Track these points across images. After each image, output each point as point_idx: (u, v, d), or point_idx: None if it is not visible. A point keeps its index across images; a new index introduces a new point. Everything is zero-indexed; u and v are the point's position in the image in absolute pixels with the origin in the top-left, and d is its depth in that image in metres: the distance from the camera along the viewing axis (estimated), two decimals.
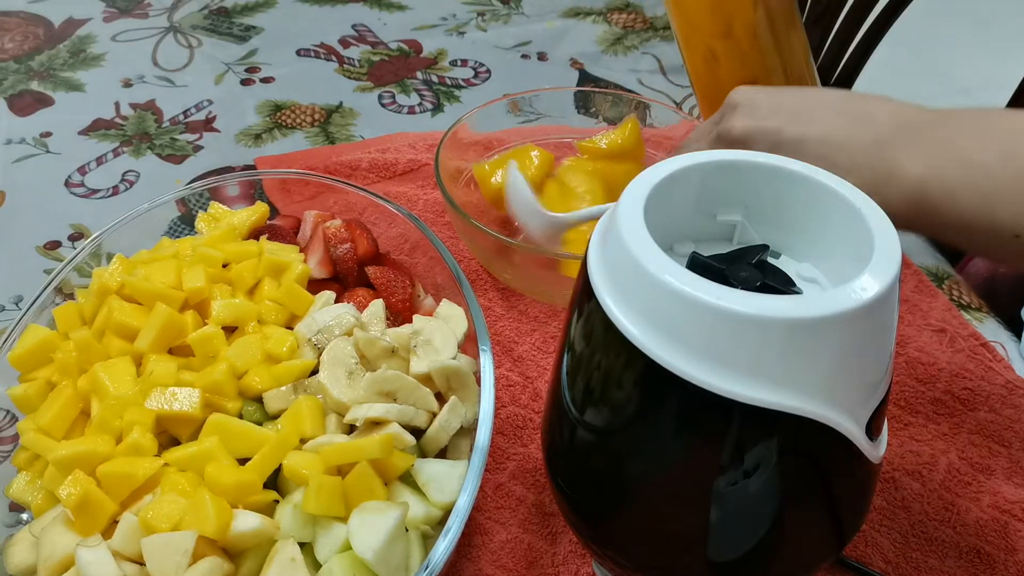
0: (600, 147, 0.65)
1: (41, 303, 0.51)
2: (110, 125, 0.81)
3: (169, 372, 0.44)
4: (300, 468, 0.40)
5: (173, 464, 0.41)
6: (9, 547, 0.42)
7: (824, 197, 0.33)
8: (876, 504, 0.49)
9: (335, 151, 0.77)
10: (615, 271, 0.31)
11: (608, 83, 0.88)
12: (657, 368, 0.29)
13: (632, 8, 1.00)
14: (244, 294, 0.50)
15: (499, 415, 0.54)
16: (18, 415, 0.47)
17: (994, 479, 0.51)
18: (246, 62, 0.90)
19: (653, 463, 0.33)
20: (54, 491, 0.40)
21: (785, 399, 0.28)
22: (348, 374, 0.45)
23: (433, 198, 0.70)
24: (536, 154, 0.65)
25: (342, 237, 0.54)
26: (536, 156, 0.65)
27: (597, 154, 0.65)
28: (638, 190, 0.32)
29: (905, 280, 0.64)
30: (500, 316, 0.61)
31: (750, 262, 0.33)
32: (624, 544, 0.36)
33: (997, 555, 0.47)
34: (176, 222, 0.61)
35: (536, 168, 0.65)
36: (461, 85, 0.87)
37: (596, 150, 0.65)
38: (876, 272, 0.28)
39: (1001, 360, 0.58)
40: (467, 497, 0.40)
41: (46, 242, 0.68)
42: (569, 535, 0.48)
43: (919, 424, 0.54)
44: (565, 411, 0.35)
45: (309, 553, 0.39)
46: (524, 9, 1.00)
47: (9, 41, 0.93)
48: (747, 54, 0.53)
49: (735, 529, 0.33)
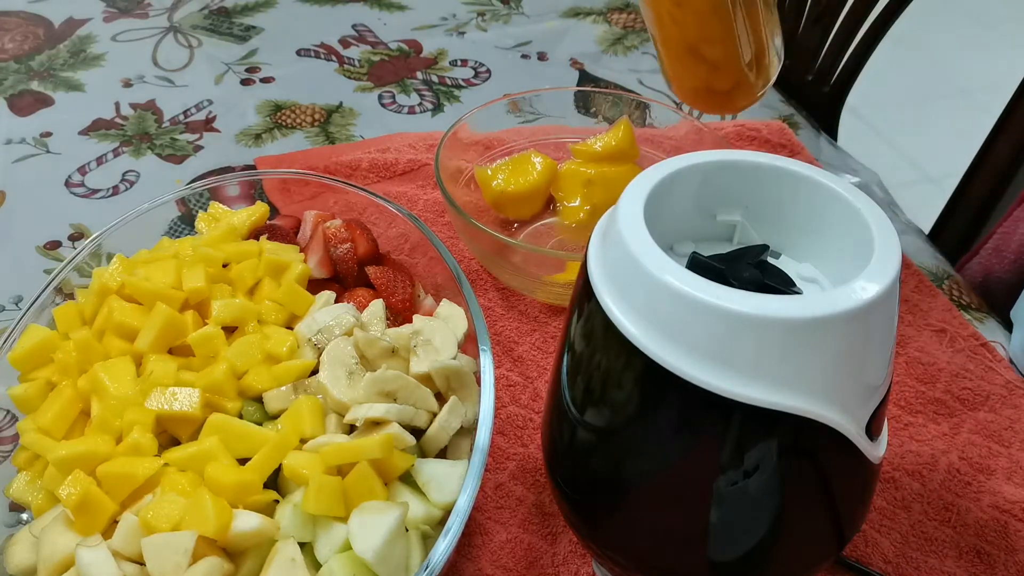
0: (595, 149, 0.65)
1: (41, 303, 0.51)
2: (110, 125, 0.81)
3: (169, 372, 0.44)
4: (300, 468, 0.40)
5: (173, 464, 0.41)
6: (9, 547, 0.42)
7: (824, 197, 0.33)
8: (876, 504, 0.49)
9: (335, 151, 0.77)
10: (615, 271, 0.31)
11: (608, 83, 0.88)
12: (657, 368, 0.29)
13: (632, 8, 1.00)
14: (244, 294, 0.50)
15: (499, 415, 0.54)
16: (18, 415, 0.47)
17: (994, 479, 0.51)
18: (246, 62, 0.90)
19: (653, 463, 0.33)
20: (54, 491, 0.40)
21: (785, 399, 0.28)
22: (348, 374, 0.45)
23: (433, 198, 0.70)
24: (539, 160, 0.65)
25: (342, 237, 0.54)
26: (539, 163, 0.65)
27: (591, 157, 0.65)
28: (638, 190, 0.32)
29: (905, 280, 0.64)
30: (500, 316, 0.61)
31: (750, 262, 0.33)
32: (624, 544, 0.36)
33: (997, 555, 0.47)
34: (176, 222, 0.61)
35: (538, 175, 0.65)
36: (461, 85, 0.87)
37: (590, 152, 0.65)
38: (876, 272, 0.28)
39: (1001, 360, 0.58)
40: (467, 497, 0.40)
41: (46, 242, 0.68)
42: (569, 535, 0.48)
43: (919, 424, 0.54)
44: (565, 411, 0.35)
45: (309, 553, 0.39)
46: (524, 9, 1.00)
47: (9, 41, 0.93)
48: (704, 18, 0.53)
49: (735, 529, 0.33)
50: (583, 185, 0.65)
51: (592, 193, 0.65)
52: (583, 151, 0.65)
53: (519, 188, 0.64)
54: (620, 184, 0.62)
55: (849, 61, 0.89)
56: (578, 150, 0.65)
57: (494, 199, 0.64)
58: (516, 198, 0.64)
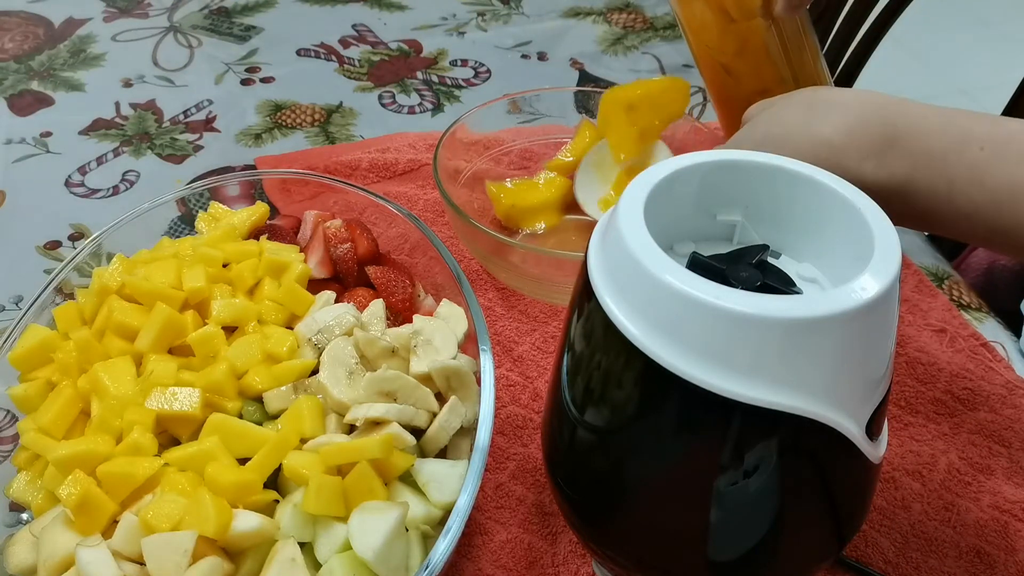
0: (566, 161, 0.65)
1: (41, 303, 0.51)
2: (110, 125, 0.81)
3: (169, 372, 0.44)
4: (300, 468, 0.40)
5: (173, 464, 0.41)
6: (9, 547, 0.42)
7: (824, 197, 0.33)
8: (876, 504, 0.49)
9: (335, 151, 0.76)
10: (615, 271, 0.31)
11: (608, 83, 0.88)
12: (657, 368, 0.29)
13: (632, 8, 1.00)
14: (244, 294, 0.50)
15: (499, 415, 0.54)
16: (18, 415, 0.47)
17: (994, 479, 0.51)
18: (246, 62, 0.90)
19: (653, 463, 0.33)
20: (54, 491, 0.40)
21: (785, 399, 0.28)
22: (348, 374, 0.45)
23: (433, 198, 0.70)
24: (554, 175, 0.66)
25: (342, 237, 0.54)
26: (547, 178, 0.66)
27: (567, 169, 0.65)
28: (638, 190, 0.32)
29: (905, 280, 0.64)
30: (500, 316, 0.61)
31: (750, 262, 0.33)
32: (624, 544, 0.36)
33: (997, 555, 0.47)
34: (176, 222, 0.61)
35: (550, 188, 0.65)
36: (461, 85, 0.87)
37: (565, 165, 0.65)
38: (876, 272, 0.28)
39: (1001, 360, 0.58)
40: (467, 497, 0.40)
41: (46, 242, 0.68)
42: (569, 535, 0.48)
43: (919, 424, 0.54)
44: (565, 411, 0.35)
45: (309, 553, 0.39)
46: (524, 9, 1.00)
47: (9, 41, 0.93)
48: (760, 68, 0.54)
49: (735, 529, 0.33)
50: (626, 111, 0.61)
51: (637, 118, 0.61)
52: (558, 165, 0.66)
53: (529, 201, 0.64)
54: (666, 100, 0.61)
55: (849, 61, 0.89)
56: (553, 166, 0.66)
57: (505, 213, 0.65)
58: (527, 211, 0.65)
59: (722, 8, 0.53)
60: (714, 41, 0.55)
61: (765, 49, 0.53)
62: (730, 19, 0.53)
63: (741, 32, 0.53)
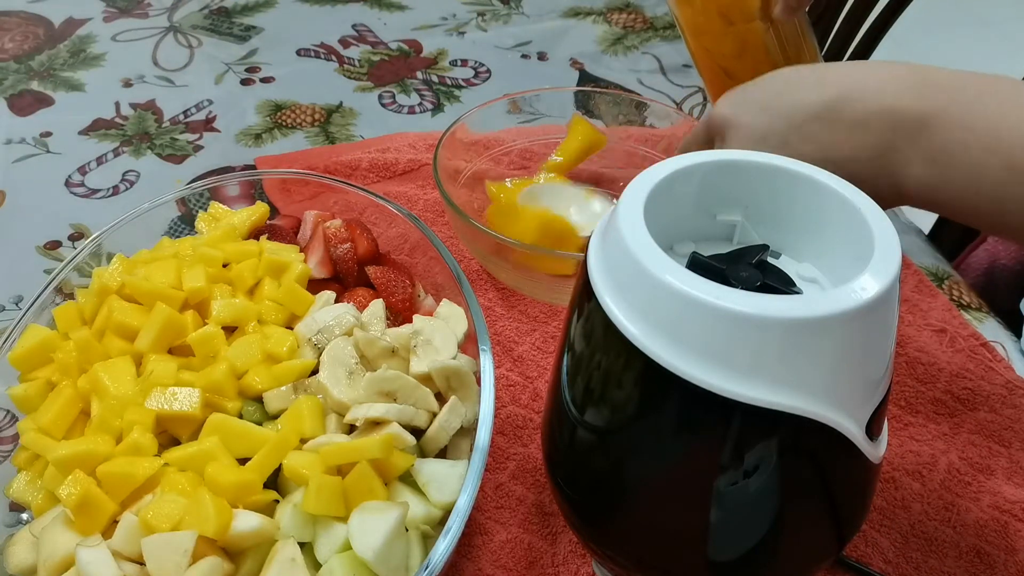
0: (558, 162, 0.66)
1: (41, 303, 0.51)
2: (110, 125, 0.81)
3: (169, 372, 0.44)
4: (300, 468, 0.40)
5: (173, 464, 0.41)
6: (9, 547, 0.42)
7: (824, 197, 0.33)
8: (876, 504, 0.49)
9: (335, 151, 0.76)
10: (615, 271, 0.31)
11: (608, 83, 0.88)
12: (657, 368, 0.29)
13: (632, 8, 1.00)
14: (244, 294, 0.50)
15: (499, 415, 0.54)
16: (18, 415, 0.47)
17: (994, 479, 0.51)
18: (246, 62, 0.90)
19: (653, 463, 0.33)
20: (54, 491, 0.40)
21: (785, 399, 0.28)
22: (348, 374, 0.45)
23: (433, 198, 0.70)
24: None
25: (342, 237, 0.54)
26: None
27: (563, 168, 0.66)
28: (638, 190, 0.32)
29: (905, 280, 0.64)
30: (500, 316, 0.61)
31: (750, 262, 0.33)
32: (624, 544, 0.36)
33: (997, 555, 0.47)
34: (176, 222, 0.61)
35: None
36: (461, 85, 0.87)
37: (558, 165, 0.66)
38: (876, 272, 0.28)
39: (1001, 360, 0.58)
40: (467, 497, 0.40)
41: (46, 242, 0.68)
42: (569, 535, 0.48)
43: (919, 424, 0.54)
44: (565, 411, 0.35)
45: (309, 553, 0.39)
46: (524, 9, 1.00)
47: (9, 41, 0.93)
48: (759, 70, 0.54)
49: (735, 529, 0.33)
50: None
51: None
52: (554, 166, 0.66)
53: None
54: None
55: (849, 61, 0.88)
56: (549, 167, 0.66)
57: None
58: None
59: (721, 11, 0.53)
60: (713, 43, 0.55)
61: (764, 51, 0.53)
62: (729, 22, 0.53)
63: (740, 35, 0.53)
